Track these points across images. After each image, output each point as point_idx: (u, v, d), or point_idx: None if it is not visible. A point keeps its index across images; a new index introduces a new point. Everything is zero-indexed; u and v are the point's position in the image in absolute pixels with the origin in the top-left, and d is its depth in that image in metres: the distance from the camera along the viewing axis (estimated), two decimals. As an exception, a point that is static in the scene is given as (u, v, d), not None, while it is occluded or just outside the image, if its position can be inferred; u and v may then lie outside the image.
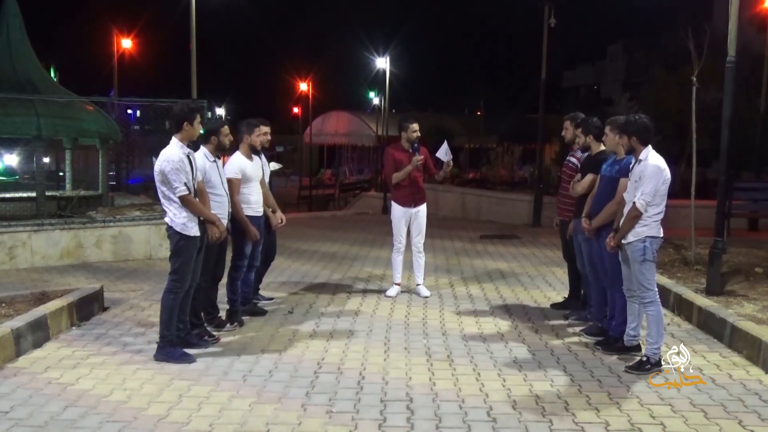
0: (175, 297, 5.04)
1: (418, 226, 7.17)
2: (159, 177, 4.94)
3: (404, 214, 7.15)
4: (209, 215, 5.15)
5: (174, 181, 4.86)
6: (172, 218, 4.96)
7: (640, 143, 4.85)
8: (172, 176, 4.85)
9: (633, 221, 4.79)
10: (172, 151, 4.93)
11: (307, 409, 4.16)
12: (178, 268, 5.04)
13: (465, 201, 17.16)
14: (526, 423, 3.97)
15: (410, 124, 7.09)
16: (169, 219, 4.98)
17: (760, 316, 5.78)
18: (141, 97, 11.49)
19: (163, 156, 4.93)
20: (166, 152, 4.94)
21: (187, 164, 4.94)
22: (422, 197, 7.22)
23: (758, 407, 4.21)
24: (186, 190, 4.89)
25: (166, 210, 5.02)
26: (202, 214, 5.07)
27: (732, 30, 6.87)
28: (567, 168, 6.32)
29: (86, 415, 4.04)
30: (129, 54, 29.12)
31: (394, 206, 7.22)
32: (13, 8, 11.10)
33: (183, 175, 4.88)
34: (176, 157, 4.90)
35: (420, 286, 7.33)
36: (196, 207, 5.00)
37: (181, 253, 5.01)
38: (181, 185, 4.86)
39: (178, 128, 5.01)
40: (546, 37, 14.99)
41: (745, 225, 12.45)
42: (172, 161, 4.87)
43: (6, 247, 8.57)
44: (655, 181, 4.73)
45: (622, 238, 4.89)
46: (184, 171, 4.90)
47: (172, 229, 4.99)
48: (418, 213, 7.16)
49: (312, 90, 40.70)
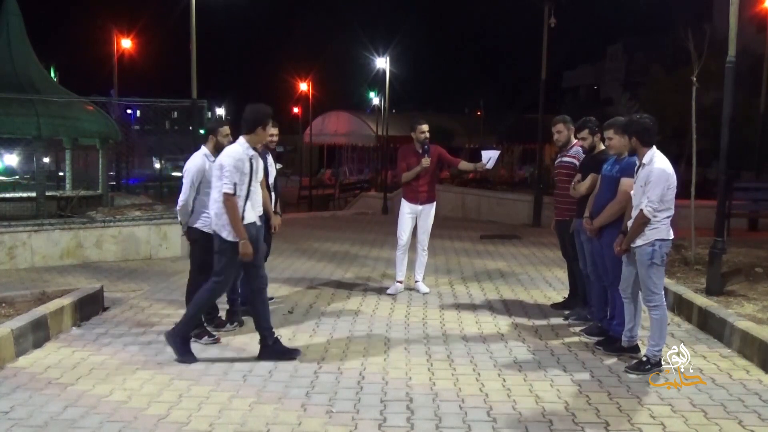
0: (211, 297, 5.02)
1: (423, 224, 7.25)
2: (218, 171, 4.87)
3: (411, 211, 7.23)
4: (240, 230, 4.86)
5: (226, 177, 4.78)
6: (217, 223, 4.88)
7: (642, 144, 4.80)
8: (227, 171, 4.78)
9: (641, 227, 4.73)
10: (237, 149, 4.88)
11: (307, 409, 4.16)
12: (222, 269, 4.97)
13: (465, 201, 17.17)
14: (526, 423, 3.96)
15: (418, 125, 7.13)
16: (217, 225, 4.89)
17: (760, 316, 5.78)
18: (141, 97, 11.48)
19: (226, 151, 4.90)
20: (231, 148, 4.90)
21: (247, 166, 4.86)
22: (430, 196, 7.26)
23: (758, 407, 4.21)
24: (232, 190, 4.79)
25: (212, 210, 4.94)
26: (235, 225, 4.84)
27: (732, 30, 6.87)
28: (563, 168, 6.31)
29: (86, 415, 4.04)
30: (129, 54, 29.11)
31: (402, 202, 7.36)
32: (13, 8, 11.10)
33: (237, 176, 4.80)
34: (240, 155, 4.84)
35: (419, 283, 7.42)
36: (234, 212, 4.82)
37: (225, 254, 4.94)
38: (230, 183, 4.78)
39: (251, 130, 4.93)
40: (546, 37, 15.00)
41: (745, 225, 12.47)
42: (234, 158, 4.81)
43: (6, 247, 8.57)
44: (662, 187, 4.66)
45: (631, 243, 4.85)
46: (241, 172, 4.82)
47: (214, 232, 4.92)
48: (425, 211, 7.22)
49: (312, 90, 40.72)
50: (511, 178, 23.58)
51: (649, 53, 30.84)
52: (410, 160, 7.15)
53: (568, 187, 6.07)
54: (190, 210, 5.46)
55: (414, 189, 7.20)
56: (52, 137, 10.83)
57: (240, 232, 4.86)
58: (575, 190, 5.85)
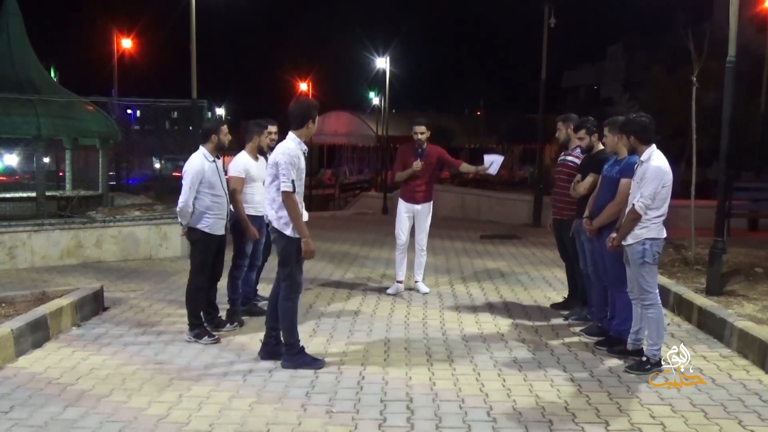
0: (291, 305, 4.91)
1: (420, 224, 7.25)
2: (273, 170, 4.80)
3: (407, 210, 7.26)
4: (303, 228, 4.82)
5: (284, 174, 4.71)
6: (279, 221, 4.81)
7: (641, 142, 4.83)
8: (283, 169, 4.71)
9: (632, 223, 4.77)
10: (290, 145, 4.80)
11: (307, 409, 4.16)
12: (290, 273, 4.91)
13: (465, 201, 17.17)
14: (526, 423, 3.96)
15: (415, 126, 7.13)
16: (278, 223, 4.81)
17: (760, 316, 5.78)
18: (141, 97, 11.47)
19: (280, 149, 4.83)
20: (284, 145, 4.83)
21: (302, 161, 4.81)
22: (427, 196, 7.25)
23: (758, 407, 4.21)
24: (291, 187, 4.71)
25: (271, 212, 4.87)
26: (297, 223, 4.77)
27: (732, 30, 6.87)
28: (565, 167, 6.31)
29: (86, 415, 4.04)
30: (129, 54, 29.14)
31: (399, 202, 7.38)
32: (13, 8, 11.10)
33: (294, 172, 4.73)
34: (294, 151, 4.77)
35: (419, 283, 7.42)
36: (295, 210, 4.75)
37: (290, 253, 4.86)
38: (288, 181, 4.71)
39: (300, 125, 4.86)
40: (546, 37, 15.01)
41: (745, 225, 12.47)
42: (289, 154, 4.73)
43: (6, 247, 8.57)
44: (656, 184, 4.69)
45: (622, 239, 4.88)
46: (297, 168, 4.76)
47: (277, 232, 4.85)
48: (421, 210, 7.22)
49: (312, 90, 40.77)
50: (511, 178, 23.61)
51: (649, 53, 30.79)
52: (408, 160, 7.15)
53: (567, 187, 6.08)
54: (190, 211, 5.43)
55: (411, 189, 7.21)
56: (52, 137, 10.82)
57: (302, 231, 4.80)
58: (575, 191, 5.85)
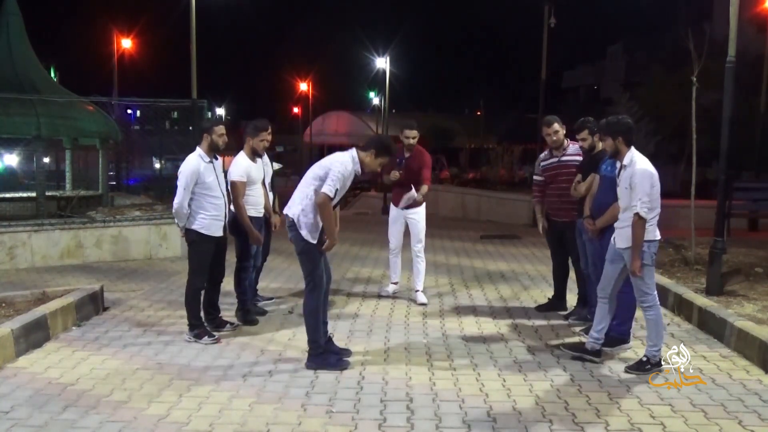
0: (317, 300, 4.95)
1: (413, 230, 6.95)
2: (321, 172, 4.81)
3: (397, 215, 7.04)
4: (333, 232, 4.89)
5: (332, 180, 4.72)
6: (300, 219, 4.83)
7: (626, 144, 4.78)
8: (333, 176, 4.73)
9: (643, 230, 4.64)
10: (348, 161, 4.83)
11: (307, 409, 4.16)
12: (311, 271, 4.93)
13: (465, 201, 17.18)
14: (526, 423, 3.96)
15: (406, 130, 6.87)
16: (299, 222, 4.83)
17: (760, 316, 5.78)
18: (141, 97, 11.47)
19: (340, 158, 4.84)
20: (344, 157, 4.85)
21: (350, 181, 4.88)
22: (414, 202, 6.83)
23: (758, 407, 4.21)
24: (333, 194, 4.74)
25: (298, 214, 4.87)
26: (329, 226, 4.83)
27: (732, 30, 6.87)
28: (565, 167, 6.27)
29: (86, 415, 4.04)
30: (129, 54, 29.15)
31: (391, 206, 7.23)
32: (13, 8, 11.12)
33: (341, 183, 4.77)
34: (348, 170, 4.81)
35: (418, 293, 6.98)
36: (329, 214, 4.79)
37: (308, 255, 4.90)
38: (333, 188, 4.72)
39: (369, 149, 4.89)
40: (546, 37, 15.04)
41: (745, 225, 12.46)
42: (345, 167, 4.78)
43: (6, 247, 8.57)
44: (647, 185, 4.63)
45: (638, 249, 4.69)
46: (344, 182, 4.81)
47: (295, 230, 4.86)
48: (410, 216, 6.91)
49: (312, 90, 40.82)
50: (511, 178, 23.58)
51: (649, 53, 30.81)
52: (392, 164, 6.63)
53: (566, 188, 6.03)
54: (185, 212, 5.41)
55: (397, 191, 6.97)
56: (52, 137, 10.84)
57: (332, 234, 4.87)
58: (575, 191, 5.84)
